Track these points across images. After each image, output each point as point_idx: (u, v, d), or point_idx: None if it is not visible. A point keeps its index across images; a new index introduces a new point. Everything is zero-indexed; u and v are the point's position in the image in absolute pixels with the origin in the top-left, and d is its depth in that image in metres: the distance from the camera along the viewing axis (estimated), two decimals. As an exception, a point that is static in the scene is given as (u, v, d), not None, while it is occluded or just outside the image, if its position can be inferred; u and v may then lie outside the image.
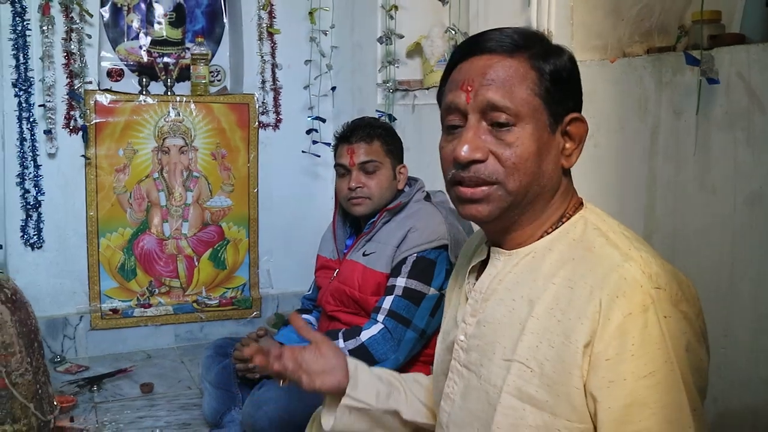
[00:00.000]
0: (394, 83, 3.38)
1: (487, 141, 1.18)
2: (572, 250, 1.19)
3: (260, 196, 4.07)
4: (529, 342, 1.16)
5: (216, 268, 4.00)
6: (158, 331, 3.90)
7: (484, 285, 1.29)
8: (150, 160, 3.81)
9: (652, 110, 1.89)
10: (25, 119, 3.54)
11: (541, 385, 1.13)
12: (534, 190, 1.20)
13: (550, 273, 1.18)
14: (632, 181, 1.97)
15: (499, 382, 1.19)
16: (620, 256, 1.12)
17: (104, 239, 3.76)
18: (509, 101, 1.16)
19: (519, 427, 1.16)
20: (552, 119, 1.19)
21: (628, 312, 1.07)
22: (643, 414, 1.06)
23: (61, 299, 3.66)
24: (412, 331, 2.33)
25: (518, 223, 1.24)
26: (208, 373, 2.78)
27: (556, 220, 1.24)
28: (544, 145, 1.19)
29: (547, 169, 1.20)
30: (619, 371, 1.06)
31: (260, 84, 4.03)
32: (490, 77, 1.18)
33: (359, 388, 1.49)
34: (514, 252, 1.26)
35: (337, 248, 2.63)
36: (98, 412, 2.99)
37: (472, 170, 1.18)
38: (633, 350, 1.06)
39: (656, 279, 1.09)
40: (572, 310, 1.12)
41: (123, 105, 3.74)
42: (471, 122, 1.19)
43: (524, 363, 1.16)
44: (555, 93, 1.19)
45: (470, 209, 1.22)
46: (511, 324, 1.20)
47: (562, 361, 1.11)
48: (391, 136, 2.57)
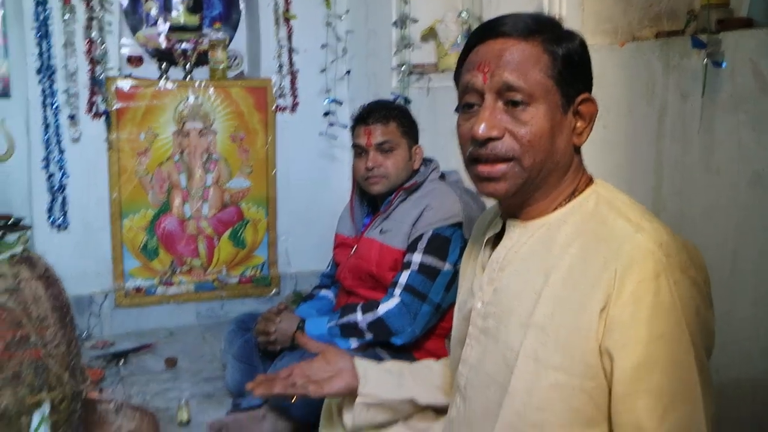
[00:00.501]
0: (408, 67, 3.45)
1: (503, 120, 1.25)
2: (586, 223, 1.26)
3: (278, 177, 4.15)
4: (544, 309, 1.24)
5: (236, 248, 4.10)
6: (180, 309, 4.01)
7: (500, 255, 1.36)
8: (170, 144, 3.91)
9: (659, 93, 1.95)
10: (49, 105, 3.65)
11: (557, 348, 1.21)
12: (548, 166, 1.27)
13: (564, 244, 1.26)
14: (640, 163, 2.03)
15: (516, 345, 1.27)
16: (632, 228, 1.20)
17: (127, 220, 3.87)
18: (524, 82, 1.24)
19: (534, 387, 1.24)
20: (564, 100, 1.27)
21: (640, 279, 1.14)
22: (655, 373, 1.13)
23: (87, 279, 3.77)
24: (427, 305, 2.42)
25: (533, 197, 1.31)
26: (230, 346, 2.89)
27: (568, 195, 1.31)
28: (556, 124, 1.26)
29: (559, 147, 1.27)
30: (633, 334, 1.14)
31: (277, 68, 4.10)
32: (506, 59, 1.25)
33: (369, 384, 1.57)
34: (529, 224, 1.33)
35: (354, 226, 2.72)
36: (125, 385, 3.11)
37: (489, 147, 1.26)
38: (646, 314, 1.13)
39: (666, 248, 1.17)
40: (587, 280, 1.19)
41: (143, 90, 3.83)
42: (487, 102, 1.26)
43: (541, 328, 1.23)
44: (567, 75, 1.26)
45: (488, 187, 1.29)
46: (527, 292, 1.28)
47: (578, 326, 1.19)
48: (407, 118, 2.65)
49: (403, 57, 3.45)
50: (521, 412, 1.26)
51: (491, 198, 1.33)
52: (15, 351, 2.06)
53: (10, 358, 2.05)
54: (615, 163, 2.09)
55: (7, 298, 2.04)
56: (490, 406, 1.33)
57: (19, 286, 2.09)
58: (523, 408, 1.25)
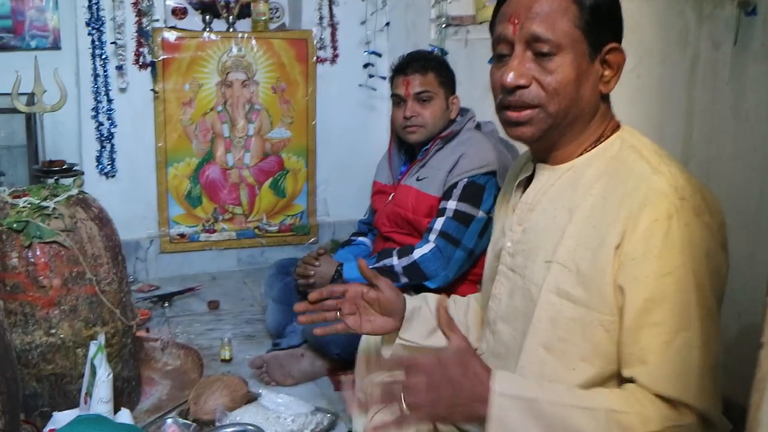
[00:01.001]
0: (446, 18, 3.48)
1: (531, 69, 1.32)
2: (608, 165, 1.34)
3: (318, 127, 4.22)
4: (567, 245, 1.32)
5: (276, 197, 4.21)
6: (222, 255, 4.15)
7: (530, 197, 1.45)
8: (214, 94, 4.00)
9: (692, 42, 1.99)
10: (97, 56, 3.76)
11: (578, 283, 1.29)
12: (573, 112, 1.34)
13: (588, 185, 1.33)
14: (671, 110, 2.07)
15: (540, 281, 1.35)
16: (650, 170, 1.27)
17: (172, 168, 3.99)
18: (551, 33, 1.30)
19: (557, 320, 1.32)
20: (591, 49, 1.32)
21: (654, 218, 1.21)
22: (660, 307, 1.20)
23: (133, 224, 3.90)
24: (461, 250, 2.50)
25: (560, 142, 1.38)
26: (271, 289, 3.00)
27: (595, 140, 1.38)
28: (583, 73, 1.32)
29: (585, 94, 1.34)
30: (643, 269, 1.21)
31: (318, 20, 4.15)
32: (534, 11, 1.31)
33: (410, 330, 1.64)
34: (557, 167, 1.41)
35: (392, 174, 2.80)
36: (171, 325, 3.25)
37: (517, 95, 1.33)
38: (656, 252, 1.20)
39: (681, 191, 1.23)
40: (606, 217, 1.27)
41: (188, 42, 3.92)
42: (517, 52, 1.33)
43: (563, 264, 1.31)
44: (594, 25, 1.32)
45: (516, 131, 1.37)
46: (552, 230, 1.36)
47: (597, 261, 1.26)
48: (445, 68, 2.71)
49: (441, 9, 3.48)
50: (544, 343, 1.34)
51: (519, 141, 1.40)
52: (72, 287, 2.20)
53: (67, 293, 2.19)
54: (647, 111, 2.13)
55: (64, 237, 2.17)
56: (516, 338, 1.42)
57: (75, 226, 2.22)
58: (547, 339, 1.34)
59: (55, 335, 2.18)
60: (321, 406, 2.40)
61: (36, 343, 2.16)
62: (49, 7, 4.00)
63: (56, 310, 2.18)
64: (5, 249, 2.14)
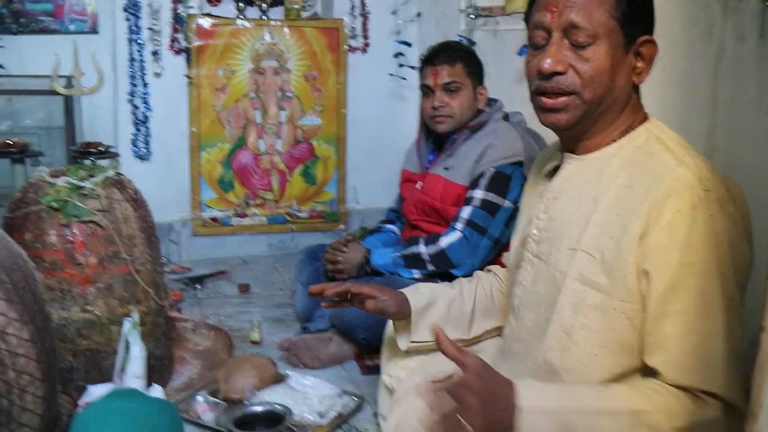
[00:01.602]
0: (476, 9, 3.50)
1: (568, 56, 1.36)
2: (634, 155, 1.37)
3: (348, 116, 4.26)
4: (592, 233, 1.35)
5: (306, 183, 4.26)
6: (253, 240, 4.21)
7: (556, 185, 1.49)
8: (247, 81, 4.05)
9: (717, 35, 1.99)
10: (134, 41, 3.84)
11: (601, 270, 1.33)
12: (607, 101, 1.38)
13: (613, 174, 1.37)
14: (696, 103, 2.08)
15: (564, 268, 1.39)
16: (675, 161, 1.30)
17: (205, 153, 4.06)
18: (588, 22, 1.34)
19: (580, 306, 1.36)
20: (626, 40, 1.36)
21: (678, 209, 1.25)
22: (683, 296, 1.24)
23: (167, 207, 3.96)
24: (487, 239, 2.54)
25: (591, 131, 1.42)
26: (300, 274, 3.06)
27: (623, 131, 1.42)
28: (617, 63, 1.36)
29: (619, 84, 1.38)
30: (667, 259, 1.25)
31: (350, 9, 4.18)
32: (573, 0, 1.36)
33: (419, 333, 1.76)
34: (584, 157, 1.45)
35: (420, 163, 2.84)
36: (202, 307, 3.32)
37: (553, 81, 1.37)
38: (680, 242, 1.24)
39: (705, 182, 1.27)
40: (631, 206, 1.30)
41: (222, 28, 3.98)
42: (554, 39, 1.37)
43: (587, 251, 1.35)
44: (630, 17, 1.36)
45: (551, 117, 1.41)
46: (577, 218, 1.40)
47: (620, 249, 1.30)
48: (473, 59, 2.74)
49: (470, 0, 3.51)
50: (567, 329, 1.38)
51: (552, 128, 1.44)
52: (107, 265, 2.28)
53: (103, 271, 2.27)
54: (671, 103, 2.14)
55: (101, 217, 2.24)
56: (540, 323, 1.46)
57: (111, 207, 2.29)
58: (570, 325, 1.37)
59: (91, 312, 2.25)
60: (347, 389, 2.45)
61: (72, 318, 2.24)
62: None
63: (92, 288, 2.25)
64: (44, 227, 2.22)
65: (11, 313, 1.14)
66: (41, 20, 4.08)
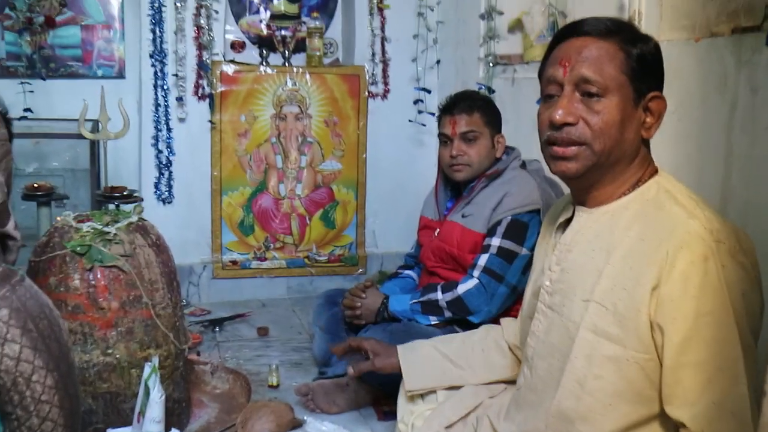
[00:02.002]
0: (494, 57, 3.55)
1: (579, 108, 1.41)
2: (645, 209, 1.40)
3: (368, 161, 4.31)
4: (605, 285, 1.38)
5: (326, 227, 4.30)
6: (272, 283, 4.24)
7: (568, 238, 1.51)
8: (268, 126, 4.12)
9: (731, 87, 2.02)
10: (159, 87, 3.93)
11: (614, 321, 1.35)
12: (616, 153, 1.41)
13: (625, 227, 1.40)
14: (711, 153, 2.10)
15: (577, 319, 1.41)
16: (685, 214, 1.33)
17: (226, 197, 4.11)
18: (599, 76, 1.38)
19: (593, 357, 1.38)
20: (635, 95, 1.40)
21: (690, 261, 1.27)
22: (700, 346, 1.26)
23: (188, 250, 4.02)
24: (504, 286, 2.55)
25: (600, 182, 1.45)
26: (318, 319, 3.07)
27: (633, 183, 1.45)
28: (627, 116, 1.40)
29: (628, 137, 1.41)
30: (682, 310, 1.27)
31: (370, 56, 4.25)
32: (584, 55, 1.40)
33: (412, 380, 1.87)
34: (595, 210, 1.48)
35: (438, 210, 2.86)
36: (221, 350, 3.35)
37: (564, 131, 1.41)
38: (694, 293, 1.26)
39: (716, 234, 1.29)
40: (643, 259, 1.33)
41: (245, 75, 4.06)
42: (566, 91, 1.42)
43: (600, 303, 1.38)
44: (640, 72, 1.40)
45: (561, 165, 1.45)
46: (590, 270, 1.42)
47: (633, 301, 1.32)
48: (491, 108, 2.77)
49: (489, 48, 3.56)
50: (580, 379, 1.40)
51: (562, 176, 1.47)
52: (129, 309, 2.31)
53: (124, 315, 2.30)
54: (687, 153, 2.16)
55: (124, 262, 2.28)
56: (553, 374, 1.47)
57: (134, 252, 2.33)
58: (583, 375, 1.39)
59: (112, 355, 2.28)
60: (364, 434, 2.45)
61: (93, 361, 2.26)
62: (116, 39, 4.21)
63: (113, 332, 2.28)
64: (68, 271, 2.26)
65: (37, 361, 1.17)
66: (70, 65, 4.19)
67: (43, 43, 4.12)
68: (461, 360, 1.84)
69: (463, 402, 1.77)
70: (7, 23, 4.07)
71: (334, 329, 2.96)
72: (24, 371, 1.16)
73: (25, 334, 1.16)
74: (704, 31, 2.27)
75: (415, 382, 1.85)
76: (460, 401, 1.78)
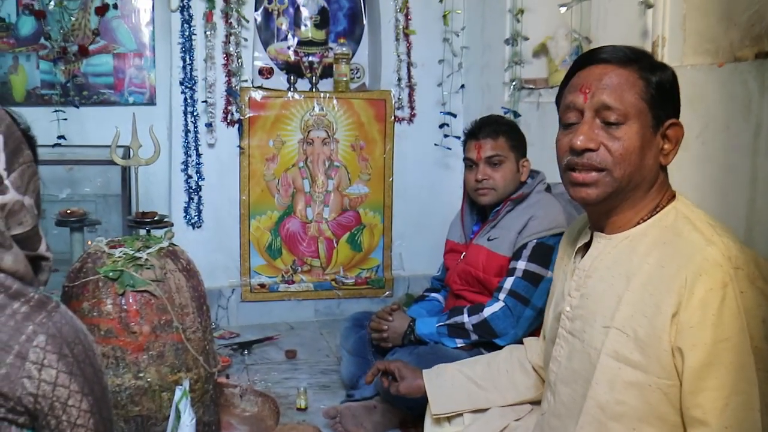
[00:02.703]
0: (519, 82, 3.58)
1: (599, 135, 1.43)
2: (664, 235, 1.41)
3: (395, 184, 4.34)
4: (625, 312, 1.39)
5: (353, 250, 4.34)
6: (300, 306, 4.27)
7: (587, 264, 1.53)
8: (296, 151, 4.18)
9: (755, 111, 2.03)
10: (189, 113, 4.00)
11: (635, 347, 1.36)
12: (635, 179, 1.43)
13: (644, 254, 1.41)
14: (736, 177, 2.11)
15: (598, 345, 1.43)
16: (704, 241, 1.34)
17: (254, 221, 4.17)
18: (619, 103, 1.41)
19: (615, 383, 1.39)
20: (654, 121, 1.42)
21: (709, 288, 1.28)
22: (719, 372, 1.27)
23: (217, 273, 4.08)
24: (530, 309, 2.56)
25: (619, 208, 1.47)
26: (346, 342, 3.10)
27: (651, 209, 1.47)
28: (646, 143, 1.42)
29: (647, 163, 1.43)
30: (701, 336, 1.28)
31: (396, 81, 4.29)
32: (604, 83, 1.43)
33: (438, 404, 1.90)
34: (613, 236, 1.49)
35: (464, 233, 2.88)
36: (249, 373, 3.38)
37: (585, 157, 1.43)
38: (713, 319, 1.27)
39: (735, 260, 1.30)
40: (662, 286, 1.34)
41: (273, 100, 4.12)
42: (587, 118, 1.44)
43: (621, 329, 1.39)
44: (658, 100, 1.42)
45: (580, 192, 1.47)
46: (610, 296, 1.44)
47: (654, 327, 1.33)
48: (515, 132, 2.79)
49: (515, 72, 3.59)
50: (603, 405, 1.41)
51: (582, 203, 1.49)
52: (160, 333, 2.35)
53: (155, 339, 2.34)
54: (712, 177, 2.17)
55: (155, 287, 2.33)
56: (576, 399, 1.49)
57: (165, 277, 2.37)
58: (605, 401, 1.41)
59: (143, 379, 2.32)
60: (391, 457, 2.47)
61: (125, 385, 2.30)
62: (147, 66, 4.30)
63: (145, 355, 2.32)
64: (101, 296, 2.30)
65: (73, 386, 1.21)
66: (103, 93, 4.28)
67: (77, 71, 4.22)
68: (486, 382, 1.86)
69: (489, 425, 1.79)
70: (42, 53, 4.17)
71: (361, 352, 2.99)
72: (60, 396, 1.20)
73: (61, 359, 1.20)
74: (728, 55, 2.28)
75: (441, 406, 1.87)
76: (486, 424, 1.79)
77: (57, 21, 4.14)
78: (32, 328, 1.17)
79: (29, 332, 1.16)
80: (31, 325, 1.17)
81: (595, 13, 2.84)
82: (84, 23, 4.19)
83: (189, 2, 3.92)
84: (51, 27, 4.14)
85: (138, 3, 4.28)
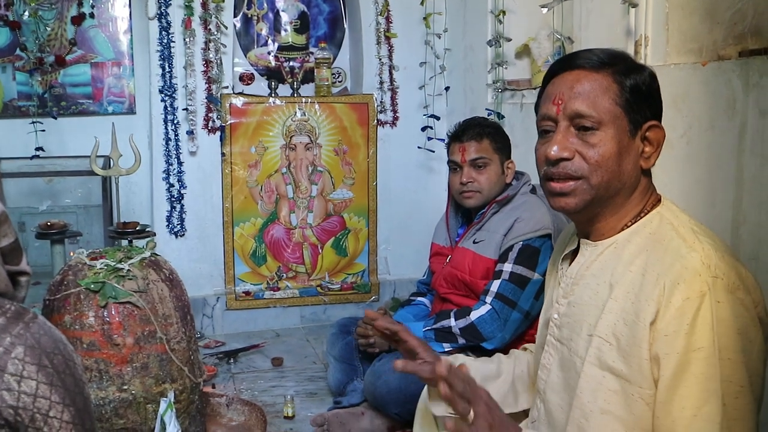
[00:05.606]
0: (503, 83, 3.58)
1: (574, 143, 1.41)
2: (647, 241, 1.39)
3: (379, 188, 4.33)
4: (608, 320, 1.37)
5: (338, 255, 4.32)
6: (285, 312, 4.24)
7: (574, 271, 1.51)
8: (279, 157, 4.15)
9: (739, 110, 2.02)
10: (170, 122, 3.96)
11: (618, 356, 1.34)
12: (614, 185, 1.41)
13: (628, 261, 1.39)
14: (722, 176, 2.10)
15: (583, 353, 1.41)
16: (685, 248, 1.32)
17: (238, 228, 4.14)
18: (593, 109, 1.39)
19: (599, 391, 1.37)
20: (631, 125, 1.40)
21: (686, 297, 1.26)
22: (689, 381, 1.25)
23: (201, 282, 4.05)
24: (517, 312, 2.55)
25: (601, 214, 1.45)
26: (332, 348, 3.08)
27: (635, 215, 1.45)
28: (624, 148, 1.40)
29: (626, 169, 1.41)
30: (675, 345, 1.26)
31: (378, 85, 4.29)
32: (576, 90, 1.41)
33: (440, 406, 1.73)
34: (599, 243, 1.47)
35: (449, 236, 2.87)
36: (235, 381, 3.35)
37: (560, 167, 1.41)
38: (687, 329, 1.25)
39: (714, 269, 1.28)
40: (642, 293, 1.32)
41: (254, 107, 4.10)
42: (560, 127, 1.42)
43: (603, 338, 1.37)
44: (634, 103, 1.40)
45: (559, 201, 1.45)
46: (594, 304, 1.42)
47: (634, 336, 1.31)
48: (500, 134, 2.78)
49: (498, 74, 3.58)
50: (587, 414, 1.39)
51: (562, 212, 1.48)
52: (143, 345, 2.32)
53: (139, 351, 2.30)
54: (698, 177, 2.16)
55: (137, 298, 2.29)
56: (564, 408, 1.47)
57: (148, 287, 2.34)
58: (589, 410, 1.39)
59: (127, 391, 2.29)
60: (380, 464, 2.44)
61: (109, 398, 2.27)
62: (125, 75, 4.26)
63: (128, 367, 2.29)
64: (83, 308, 2.27)
65: (53, 396, 1.19)
66: (81, 103, 4.24)
67: (54, 82, 4.18)
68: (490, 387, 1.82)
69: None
70: (18, 64, 4.13)
71: (348, 358, 2.97)
72: (41, 407, 1.18)
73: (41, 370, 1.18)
74: (711, 54, 2.28)
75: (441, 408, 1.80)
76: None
77: (33, 32, 4.09)
78: (10, 340, 1.15)
79: (7, 344, 1.14)
80: (8, 337, 1.15)
81: (577, 14, 2.84)
82: (60, 33, 4.15)
83: (167, 9, 3.88)
84: (27, 38, 4.10)
85: (115, 11, 4.24)
